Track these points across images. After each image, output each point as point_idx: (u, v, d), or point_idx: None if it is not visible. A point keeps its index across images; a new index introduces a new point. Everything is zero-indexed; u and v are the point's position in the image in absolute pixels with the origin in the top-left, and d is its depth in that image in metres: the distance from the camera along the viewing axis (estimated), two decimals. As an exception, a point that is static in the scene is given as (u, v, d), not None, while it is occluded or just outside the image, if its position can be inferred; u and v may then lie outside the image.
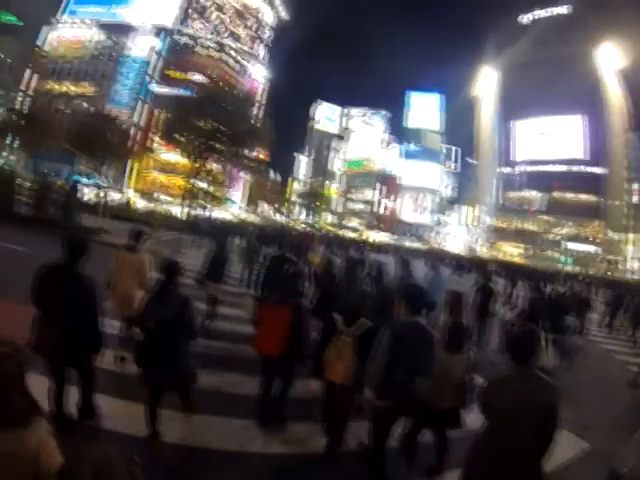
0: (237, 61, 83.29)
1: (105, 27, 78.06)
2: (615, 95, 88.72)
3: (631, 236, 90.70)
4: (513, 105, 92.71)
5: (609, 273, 76.67)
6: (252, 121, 44.65)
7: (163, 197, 66.00)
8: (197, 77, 44.46)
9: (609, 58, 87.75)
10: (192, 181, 44.26)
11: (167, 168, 68.53)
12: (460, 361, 3.89)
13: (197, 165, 41.83)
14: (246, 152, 44.95)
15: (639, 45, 79.86)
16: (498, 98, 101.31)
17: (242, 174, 62.90)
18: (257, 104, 55.20)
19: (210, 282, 7.96)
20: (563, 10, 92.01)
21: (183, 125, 39.56)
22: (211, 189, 46.73)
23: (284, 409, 4.52)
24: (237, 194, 73.80)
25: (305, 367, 4.28)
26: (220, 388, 5.09)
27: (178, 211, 42.67)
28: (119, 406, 4.29)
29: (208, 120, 39.10)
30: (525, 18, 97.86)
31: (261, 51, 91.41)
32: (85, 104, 67.69)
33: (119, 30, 76.94)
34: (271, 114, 50.91)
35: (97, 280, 3.82)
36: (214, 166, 45.27)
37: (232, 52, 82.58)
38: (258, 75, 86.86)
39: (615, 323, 17.25)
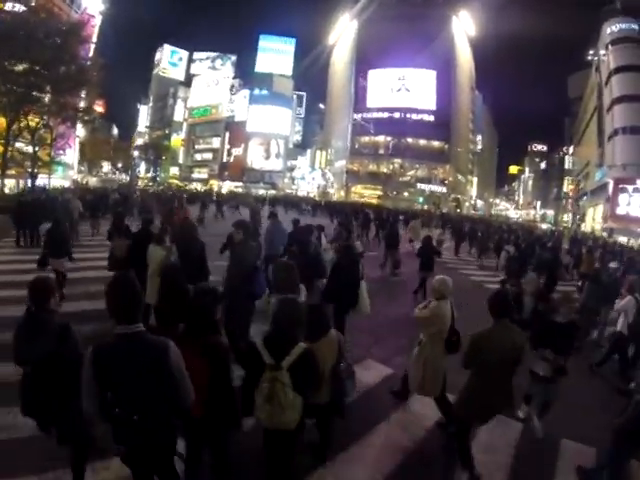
0: None
1: None
2: (465, 57, 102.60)
3: (474, 179, 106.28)
4: (369, 55, 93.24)
5: (458, 210, 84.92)
6: (81, 61, 35.41)
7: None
8: (10, 5, 33.31)
9: (464, 25, 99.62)
10: (16, 144, 34.69)
11: None
12: (326, 347, 3.66)
13: (17, 123, 32.42)
14: (76, 102, 36.47)
15: (485, 17, 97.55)
16: (354, 47, 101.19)
17: (76, 131, 52.84)
18: (90, 44, 44.30)
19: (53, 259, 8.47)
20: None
21: None
22: (38, 152, 37.02)
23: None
24: (71, 155, 62.29)
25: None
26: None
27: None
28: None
29: (23, 61, 29.81)
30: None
31: None
32: None
33: None
34: (106, 56, 41.44)
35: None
36: (37, 122, 35.22)
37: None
38: (92, 8, 67.34)
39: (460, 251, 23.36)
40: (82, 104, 38.38)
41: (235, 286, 5.62)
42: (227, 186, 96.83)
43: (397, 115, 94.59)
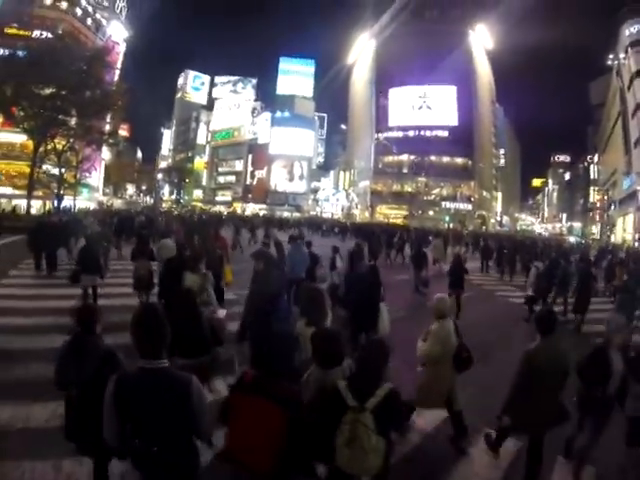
0: (89, 14, 67.50)
1: None
2: (484, 71, 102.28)
3: (499, 194, 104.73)
4: (388, 73, 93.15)
5: (483, 227, 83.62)
6: (106, 86, 36.12)
7: (3, 189, 52.39)
8: (38, 33, 34.31)
9: (481, 38, 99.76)
10: (43, 166, 35.67)
11: (5, 152, 53.64)
12: (337, 377, 3.25)
13: (44, 145, 33.22)
14: (101, 125, 37.59)
15: (501, 30, 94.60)
16: (374, 66, 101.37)
17: (101, 154, 53.91)
18: (115, 69, 45.28)
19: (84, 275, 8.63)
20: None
21: (19, 94, 30.37)
22: (64, 174, 37.69)
23: None
24: (96, 178, 63.49)
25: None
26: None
27: (25, 205, 33.96)
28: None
29: (49, 85, 30.69)
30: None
31: (122, 6, 76.15)
32: None
33: None
34: (130, 81, 42.27)
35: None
36: (63, 145, 35.88)
37: (84, 2, 66.13)
38: (117, 35, 71.31)
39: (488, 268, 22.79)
40: (107, 127, 39.22)
41: (256, 313, 5.51)
42: (251, 208, 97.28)
43: (419, 133, 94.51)
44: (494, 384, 4.73)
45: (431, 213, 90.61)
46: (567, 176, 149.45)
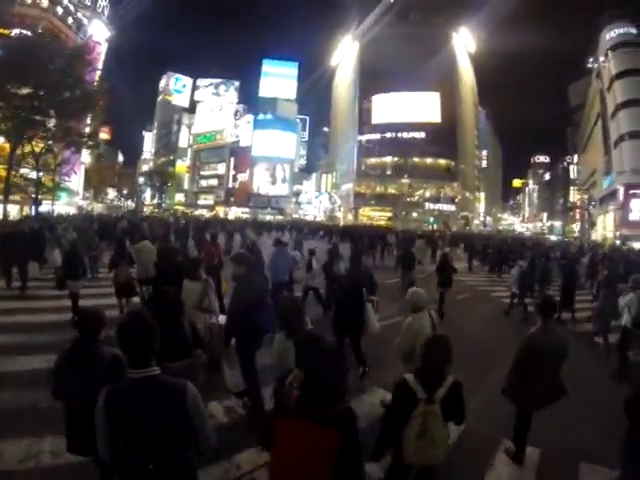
0: (70, 13, 65.21)
1: None
2: (467, 74, 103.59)
3: (482, 195, 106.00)
4: (372, 76, 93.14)
5: (467, 228, 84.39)
6: (86, 85, 34.44)
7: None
8: (17, 32, 33.05)
9: (464, 41, 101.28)
10: (20, 170, 34.20)
11: None
12: None
13: (21, 147, 32.07)
14: (81, 127, 36.28)
15: (484, 33, 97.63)
16: (357, 68, 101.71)
17: (81, 157, 52.69)
18: (96, 70, 43.76)
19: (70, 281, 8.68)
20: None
21: None
22: (42, 178, 36.62)
23: None
24: (76, 181, 62.29)
25: None
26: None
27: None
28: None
29: (25, 85, 29.45)
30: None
31: (104, 5, 73.71)
32: None
33: None
34: (111, 83, 41.00)
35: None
36: (41, 147, 34.65)
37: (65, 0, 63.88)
38: (98, 35, 68.13)
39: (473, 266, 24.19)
40: (87, 129, 38.25)
41: (239, 322, 5.13)
42: (233, 212, 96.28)
43: (402, 135, 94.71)
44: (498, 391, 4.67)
45: (415, 215, 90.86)
46: (547, 176, 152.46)
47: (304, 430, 2.23)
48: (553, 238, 74.27)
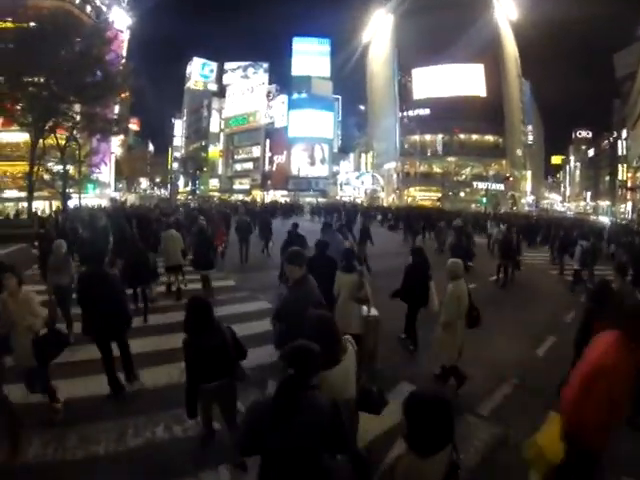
0: (88, 1, 61.44)
1: None
2: (509, 43, 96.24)
3: (528, 173, 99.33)
4: (410, 51, 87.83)
5: (514, 208, 79.70)
6: (108, 66, 31.24)
7: (9, 192, 47.96)
8: (33, 25, 30.42)
9: (505, 9, 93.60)
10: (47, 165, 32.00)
11: (8, 153, 49.40)
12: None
13: (42, 140, 29.13)
14: (106, 113, 33.53)
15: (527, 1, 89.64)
16: (393, 43, 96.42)
17: (110, 148, 49.99)
18: (117, 50, 40.47)
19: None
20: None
21: (13, 86, 25.99)
22: (69, 170, 33.71)
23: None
24: (107, 173, 59.72)
25: None
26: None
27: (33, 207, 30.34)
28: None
29: (42, 71, 26.46)
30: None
31: None
32: None
33: None
34: (136, 71, 37.81)
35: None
36: (65, 137, 31.50)
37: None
38: (119, 23, 61.50)
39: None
40: (114, 116, 35.30)
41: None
42: (271, 195, 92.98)
43: (446, 111, 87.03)
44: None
45: (462, 195, 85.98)
46: (590, 153, 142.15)
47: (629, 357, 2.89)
48: (604, 219, 69.23)
